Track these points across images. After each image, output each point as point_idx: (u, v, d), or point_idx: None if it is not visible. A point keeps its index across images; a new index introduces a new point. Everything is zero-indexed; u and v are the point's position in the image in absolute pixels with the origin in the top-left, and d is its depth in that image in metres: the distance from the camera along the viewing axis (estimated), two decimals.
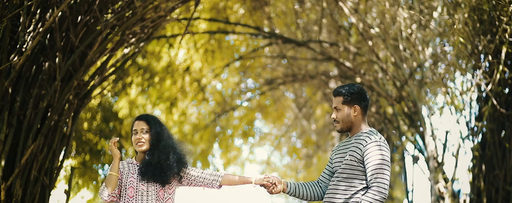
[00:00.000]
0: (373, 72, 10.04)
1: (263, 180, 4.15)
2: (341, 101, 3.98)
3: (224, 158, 14.37)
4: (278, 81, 12.13)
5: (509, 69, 7.40)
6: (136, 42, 7.30)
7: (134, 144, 4.02)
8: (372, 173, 3.79)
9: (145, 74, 11.29)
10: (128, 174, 4.02)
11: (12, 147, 5.97)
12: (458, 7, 7.36)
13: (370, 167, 3.80)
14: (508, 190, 7.43)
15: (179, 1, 7.10)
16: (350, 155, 3.90)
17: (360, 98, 3.99)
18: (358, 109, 3.98)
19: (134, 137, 4.04)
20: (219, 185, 4.14)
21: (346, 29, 10.63)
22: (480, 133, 7.74)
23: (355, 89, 3.99)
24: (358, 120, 4.00)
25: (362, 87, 4.03)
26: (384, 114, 10.77)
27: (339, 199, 3.90)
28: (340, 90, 4.00)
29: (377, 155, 3.81)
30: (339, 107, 3.99)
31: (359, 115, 3.99)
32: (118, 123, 11.28)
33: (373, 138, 3.87)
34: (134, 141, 4.03)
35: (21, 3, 6.01)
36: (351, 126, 4.01)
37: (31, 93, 6.11)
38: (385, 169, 3.80)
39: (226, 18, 10.70)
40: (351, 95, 3.97)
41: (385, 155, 3.83)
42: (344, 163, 3.92)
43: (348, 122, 3.99)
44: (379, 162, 3.80)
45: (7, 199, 5.86)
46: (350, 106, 3.98)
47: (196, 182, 4.11)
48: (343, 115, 3.99)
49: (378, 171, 3.78)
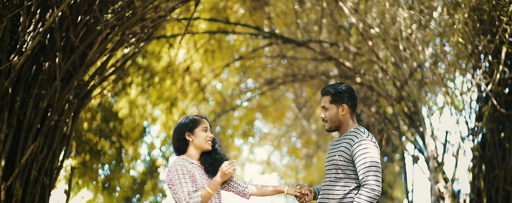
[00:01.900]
0: (373, 72, 10.04)
1: (296, 191, 4.12)
2: (329, 100, 4.00)
3: None
4: (278, 81, 12.13)
5: (509, 69, 7.40)
6: (136, 42, 7.30)
7: (204, 141, 4.02)
8: (362, 171, 3.79)
9: (145, 74, 11.29)
10: (200, 175, 4.00)
11: (12, 147, 5.97)
12: (458, 7, 7.36)
13: (359, 167, 3.81)
14: (508, 190, 7.43)
15: (179, 1, 7.10)
16: (339, 155, 3.91)
17: (348, 97, 4.00)
18: (346, 108, 3.99)
19: (204, 135, 4.03)
20: (250, 194, 4.14)
21: (346, 29, 10.63)
22: (480, 133, 7.74)
23: (342, 88, 4.00)
24: (346, 119, 4.01)
25: (350, 86, 4.05)
26: (384, 114, 10.77)
27: (333, 199, 3.91)
28: (328, 89, 4.01)
29: (365, 154, 3.81)
30: (327, 107, 4.01)
31: (347, 114, 4.01)
32: (118, 123, 11.29)
33: (359, 137, 3.88)
34: (204, 138, 4.03)
35: (21, 3, 6.01)
36: (340, 125, 4.02)
37: (31, 93, 6.11)
38: (374, 166, 3.79)
39: (226, 18, 10.70)
40: (338, 94, 3.98)
41: (373, 152, 3.82)
42: (334, 163, 3.94)
43: (336, 121, 4.00)
44: (368, 160, 3.79)
45: (7, 199, 5.86)
46: (338, 105, 3.99)
47: (229, 186, 4.14)
48: (331, 114, 4.00)
49: (367, 169, 3.78)
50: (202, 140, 4.03)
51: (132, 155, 11.79)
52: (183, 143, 4.04)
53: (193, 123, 4.05)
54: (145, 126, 12.19)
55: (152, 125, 12.52)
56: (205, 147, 4.04)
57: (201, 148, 4.05)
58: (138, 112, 11.71)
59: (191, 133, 4.04)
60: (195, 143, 4.03)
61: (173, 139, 4.08)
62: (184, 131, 4.04)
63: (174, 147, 4.10)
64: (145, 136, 12.27)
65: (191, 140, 4.04)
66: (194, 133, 4.04)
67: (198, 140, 4.03)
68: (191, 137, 4.04)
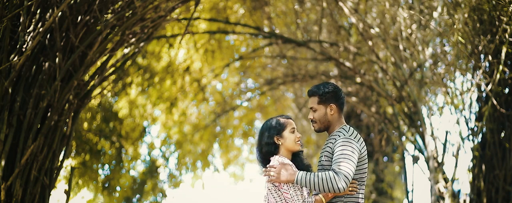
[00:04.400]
0: (373, 72, 10.04)
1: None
2: (317, 101, 4.01)
3: (224, 158, 14.38)
4: (278, 81, 12.13)
5: (509, 69, 7.40)
6: (136, 42, 7.30)
7: (294, 143, 3.98)
8: (335, 163, 3.74)
9: (145, 74, 11.30)
10: None
11: (12, 147, 5.97)
12: (458, 7, 7.37)
13: (334, 159, 3.77)
14: (508, 190, 7.43)
15: (179, 1, 7.11)
16: (325, 156, 3.92)
17: (335, 97, 4.00)
18: (334, 107, 4.00)
19: (293, 136, 3.99)
20: None
21: (346, 29, 10.63)
22: (480, 133, 7.74)
23: (329, 88, 4.00)
24: (335, 119, 4.02)
25: (336, 85, 4.05)
26: (384, 114, 10.76)
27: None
28: (315, 90, 4.01)
29: (342, 149, 3.77)
30: (315, 108, 4.01)
31: (335, 113, 4.01)
32: (118, 123, 11.30)
33: (342, 136, 3.87)
34: (294, 140, 3.98)
35: (21, 3, 6.01)
36: (329, 125, 4.02)
37: (31, 93, 6.11)
38: (348, 158, 3.73)
39: (226, 18, 10.70)
40: (326, 94, 3.99)
41: (351, 149, 3.77)
42: (321, 164, 3.94)
43: (326, 121, 4.01)
44: (343, 153, 3.75)
45: (7, 199, 5.86)
46: (326, 106, 4.00)
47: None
48: (320, 115, 4.00)
49: (340, 160, 3.73)
50: (292, 142, 3.98)
51: (132, 155, 11.80)
52: (272, 147, 3.98)
53: (281, 126, 4.00)
54: (145, 126, 12.21)
55: (152, 125, 12.53)
56: (296, 149, 4.00)
57: (291, 150, 4.00)
58: (138, 112, 11.71)
59: (280, 137, 3.99)
60: (285, 146, 3.98)
61: (261, 143, 4.01)
62: (273, 135, 3.98)
63: (263, 151, 4.01)
64: (145, 136, 12.28)
65: (281, 144, 3.98)
66: (283, 136, 3.98)
67: (288, 143, 3.97)
68: (280, 140, 3.99)
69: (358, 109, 12.44)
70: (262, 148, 4.01)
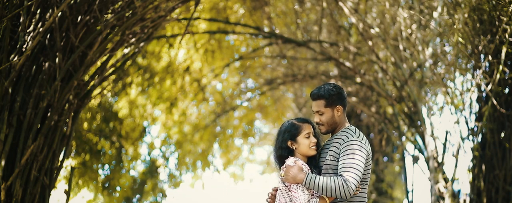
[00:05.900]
0: (373, 72, 10.04)
1: None
2: (324, 104, 3.98)
3: (224, 158, 14.38)
4: (278, 81, 12.13)
5: (509, 69, 7.40)
6: (136, 42, 7.30)
7: (308, 149, 3.91)
8: (343, 169, 3.75)
9: (145, 74, 11.30)
10: None
11: (12, 147, 5.97)
12: (458, 7, 7.36)
13: (341, 164, 3.77)
14: (508, 190, 7.43)
15: (179, 1, 7.10)
16: (330, 155, 3.90)
17: (340, 98, 4.00)
18: (340, 109, 4.00)
19: (307, 142, 3.91)
20: None
21: (346, 29, 10.63)
22: (480, 133, 7.73)
23: (334, 90, 3.99)
24: (341, 119, 4.02)
25: (338, 85, 4.04)
26: (384, 114, 10.77)
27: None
28: (321, 93, 3.98)
29: (350, 154, 3.78)
30: (322, 111, 3.98)
31: (342, 114, 4.01)
32: (118, 123, 11.30)
33: (350, 137, 3.87)
34: (307, 146, 3.91)
35: (21, 3, 6.01)
36: (336, 126, 4.02)
37: (31, 93, 6.11)
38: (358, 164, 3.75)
39: (226, 18, 10.70)
40: (332, 96, 3.97)
41: (359, 154, 3.78)
42: (326, 163, 3.93)
43: (333, 123, 4.00)
44: (355, 158, 3.76)
45: (7, 199, 5.86)
46: (332, 108, 3.98)
47: None
48: (328, 117, 3.98)
49: (350, 166, 3.74)
50: (305, 148, 3.92)
51: (132, 155, 11.80)
52: (286, 151, 3.92)
53: (296, 130, 3.92)
54: (145, 126, 12.21)
55: (152, 125, 12.53)
56: (310, 154, 3.94)
57: (305, 155, 3.95)
58: (138, 112, 11.71)
59: (294, 141, 3.93)
60: (299, 150, 3.93)
61: (276, 147, 3.97)
62: (286, 139, 3.92)
63: (278, 154, 3.97)
64: (145, 136, 12.28)
65: (295, 148, 3.93)
66: (297, 141, 3.92)
67: (301, 148, 3.92)
68: (294, 145, 3.93)
69: (358, 109, 12.44)
70: (277, 151, 3.97)
